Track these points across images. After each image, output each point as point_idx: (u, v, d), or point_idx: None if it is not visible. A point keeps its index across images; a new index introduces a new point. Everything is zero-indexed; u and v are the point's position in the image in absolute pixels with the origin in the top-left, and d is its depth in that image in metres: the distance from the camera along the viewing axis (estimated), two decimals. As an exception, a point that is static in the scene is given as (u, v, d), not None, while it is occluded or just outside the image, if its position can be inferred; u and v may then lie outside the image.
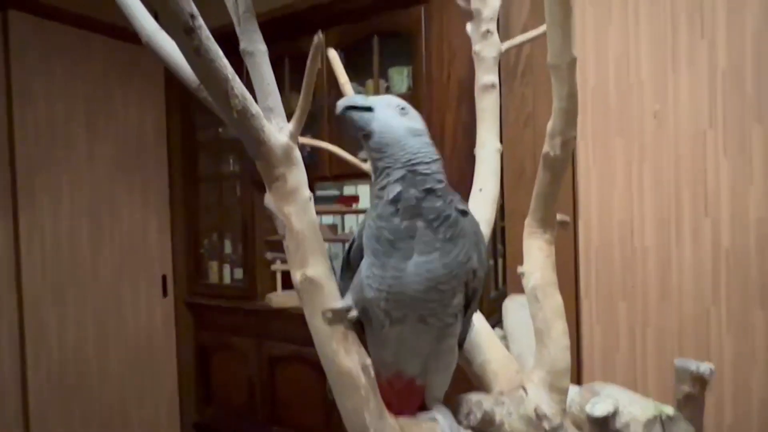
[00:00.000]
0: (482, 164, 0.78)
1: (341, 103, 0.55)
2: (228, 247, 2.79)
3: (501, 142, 1.99)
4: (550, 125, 0.57)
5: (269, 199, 0.51)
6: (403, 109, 0.59)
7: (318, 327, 0.50)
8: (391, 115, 0.58)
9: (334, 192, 2.74)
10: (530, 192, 1.87)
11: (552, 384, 0.55)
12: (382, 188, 0.55)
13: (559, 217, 0.63)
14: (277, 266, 2.60)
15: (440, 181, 0.56)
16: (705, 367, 0.54)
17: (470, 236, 0.55)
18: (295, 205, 0.50)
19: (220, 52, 0.42)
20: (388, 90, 2.31)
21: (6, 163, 2.18)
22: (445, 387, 0.59)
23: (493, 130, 0.80)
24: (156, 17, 0.50)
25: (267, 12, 2.50)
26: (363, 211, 2.52)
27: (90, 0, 2.34)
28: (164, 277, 2.79)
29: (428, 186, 0.54)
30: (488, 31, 0.80)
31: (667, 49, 1.69)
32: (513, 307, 1.25)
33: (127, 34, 2.60)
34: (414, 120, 0.60)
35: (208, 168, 2.84)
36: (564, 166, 0.56)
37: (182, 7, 0.37)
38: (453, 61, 2.07)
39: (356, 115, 0.56)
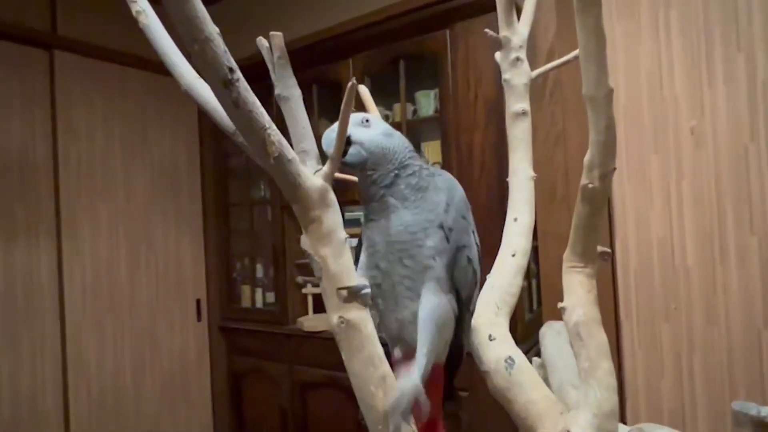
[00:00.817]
0: (516, 192, 0.76)
1: (332, 154, 0.59)
2: (260, 271, 2.82)
3: None
4: (587, 157, 0.55)
5: (305, 241, 0.51)
6: (366, 121, 0.67)
7: (357, 370, 0.49)
8: (368, 135, 0.65)
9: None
10: (562, 212, 1.83)
11: (599, 427, 0.52)
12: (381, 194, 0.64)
13: (600, 248, 0.61)
14: (309, 290, 2.61)
15: (416, 164, 0.67)
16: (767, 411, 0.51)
17: (437, 189, 0.65)
18: (331, 247, 0.50)
19: (257, 102, 0.43)
20: (415, 113, 2.32)
21: (51, 195, 2.27)
22: (434, 349, 0.59)
23: (526, 157, 0.78)
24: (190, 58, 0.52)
25: (296, 40, 2.57)
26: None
27: (126, 36, 2.45)
28: (198, 302, 2.84)
29: (411, 171, 0.65)
30: (518, 59, 0.80)
31: (702, 63, 1.65)
32: (551, 334, 1.21)
33: (161, 66, 2.71)
34: (377, 124, 0.68)
35: (239, 194, 2.90)
36: (603, 198, 0.55)
37: (221, 62, 0.38)
38: (479, 82, 2.07)
39: (350, 159, 0.63)
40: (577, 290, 0.57)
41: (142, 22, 0.53)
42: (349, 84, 0.47)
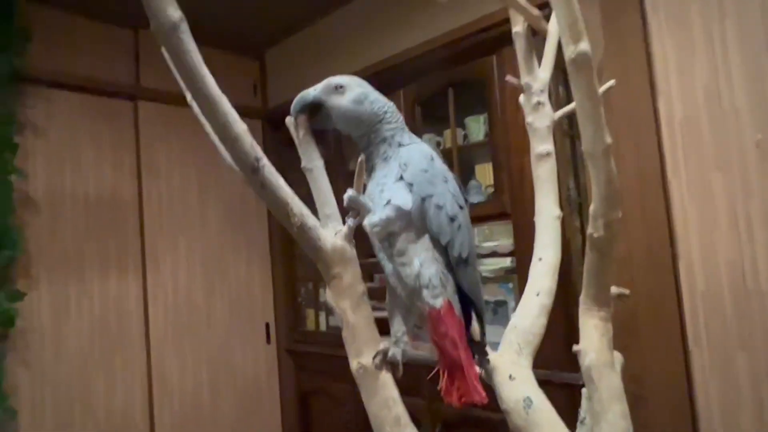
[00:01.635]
0: (542, 232, 0.79)
1: (295, 110, 0.67)
2: (323, 296, 2.94)
3: (577, 180, 1.92)
4: (592, 207, 0.58)
5: (329, 295, 0.58)
6: (340, 87, 0.71)
7: (374, 411, 0.55)
8: (336, 101, 0.70)
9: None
10: (619, 235, 1.77)
11: (614, 470, 0.54)
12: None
13: (617, 290, 0.63)
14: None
15: (389, 130, 0.72)
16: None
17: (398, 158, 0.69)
18: (350, 300, 0.56)
19: (281, 182, 0.51)
20: (466, 138, 2.35)
21: (137, 230, 2.54)
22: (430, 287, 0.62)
23: (551, 197, 0.81)
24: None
25: (352, 73, 2.70)
26: (448, 257, 2.54)
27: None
28: (267, 325, 3.01)
29: (382, 137, 0.71)
30: (539, 103, 0.83)
31: (765, 74, 1.56)
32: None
33: (236, 109, 2.94)
34: (350, 91, 0.72)
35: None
36: (610, 246, 0.57)
37: (249, 153, 0.47)
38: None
39: (316, 126, 0.69)
40: (591, 333, 0.59)
41: (191, 104, 0.63)
42: (360, 159, 0.53)
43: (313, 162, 0.61)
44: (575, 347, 0.60)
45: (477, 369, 0.62)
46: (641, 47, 1.75)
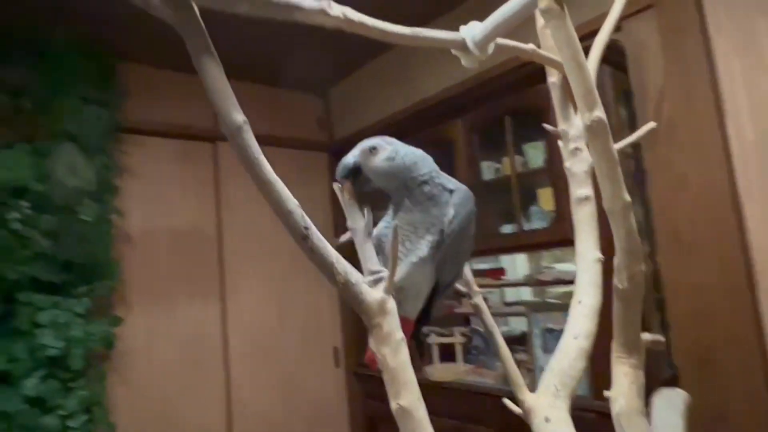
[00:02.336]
0: (582, 275, 0.81)
1: (340, 176, 0.77)
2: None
3: (645, 207, 1.88)
4: (615, 260, 0.61)
5: (371, 342, 0.65)
6: (373, 149, 0.79)
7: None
8: (372, 162, 0.78)
9: (482, 266, 2.80)
10: (690, 259, 1.70)
11: None
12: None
13: (650, 337, 0.65)
14: (433, 339, 2.72)
15: (423, 175, 0.79)
16: None
17: (446, 203, 0.78)
18: (390, 346, 0.63)
19: (327, 245, 0.60)
20: (525, 165, 2.36)
21: (217, 260, 2.77)
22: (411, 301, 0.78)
23: (591, 240, 0.83)
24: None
25: (412, 105, 2.81)
26: (512, 284, 2.53)
27: (267, 120, 2.92)
28: (335, 349, 3.12)
29: (419, 182, 0.78)
30: (577, 149, 0.86)
31: None
32: (661, 405, 1.17)
33: (304, 144, 3.16)
34: (383, 151, 0.79)
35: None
36: (635, 297, 0.59)
37: (299, 224, 0.56)
38: (587, 130, 2.05)
39: (358, 188, 0.77)
40: (621, 381, 0.61)
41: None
42: (394, 227, 0.61)
43: (357, 222, 0.69)
44: (606, 393, 0.62)
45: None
46: (705, 69, 1.69)
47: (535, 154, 2.31)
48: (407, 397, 0.59)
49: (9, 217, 2.07)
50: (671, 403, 1.08)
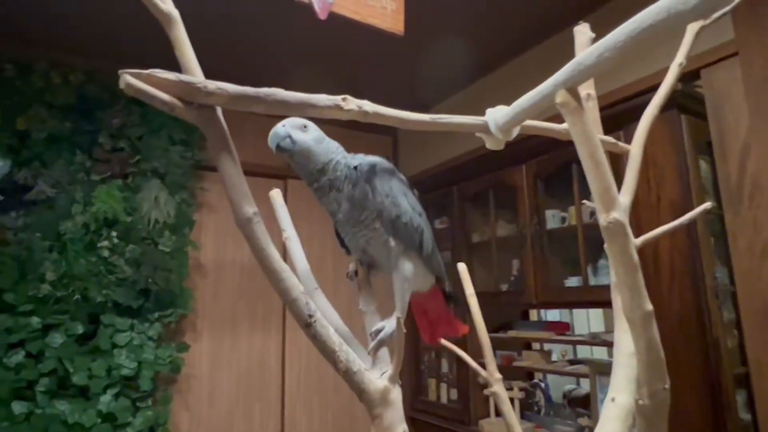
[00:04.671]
0: (619, 369, 0.74)
1: (273, 144, 0.78)
2: (444, 366, 2.94)
3: (731, 277, 1.70)
4: (636, 373, 0.56)
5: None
6: (305, 126, 0.79)
7: None
8: (301, 137, 0.79)
9: (549, 318, 2.67)
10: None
11: None
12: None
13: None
14: (490, 390, 2.61)
15: (342, 160, 0.80)
16: None
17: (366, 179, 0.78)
18: (390, 439, 0.61)
19: (331, 332, 0.61)
20: (592, 215, 2.24)
21: (281, 301, 2.87)
22: (398, 292, 0.79)
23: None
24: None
25: (472, 150, 2.79)
26: (576, 341, 2.37)
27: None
28: (391, 390, 3.09)
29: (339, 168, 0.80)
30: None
31: None
32: None
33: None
34: (313, 131, 0.80)
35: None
36: (659, 416, 0.54)
37: (303, 312, 0.57)
38: (661, 183, 1.91)
39: (283, 145, 0.78)
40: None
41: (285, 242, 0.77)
42: (398, 319, 0.60)
43: (369, 306, 0.70)
44: None
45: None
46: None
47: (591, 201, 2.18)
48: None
49: (100, 245, 2.30)
50: None
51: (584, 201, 0.87)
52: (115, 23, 2.20)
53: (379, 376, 0.64)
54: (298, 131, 0.78)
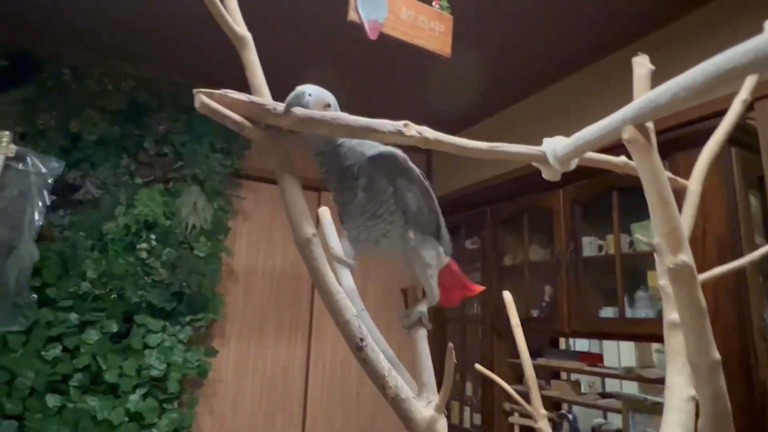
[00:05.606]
0: (670, 413, 0.71)
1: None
2: (469, 389, 2.89)
3: None
4: (699, 423, 0.53)
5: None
6: (328, 105, 0.68)
7: None
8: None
9: (578, 348, 2.60)
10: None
11: None
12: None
13: None
14: (515, 419, 2.55)
15: (346, 157, 0.73)
16: None
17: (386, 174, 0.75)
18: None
19: (381, 357, 0.60)
20: (632, 245, 2.18)
21: (309, 304, 2.89)
22: (425, 281, 0.80)
23: (685, 373, 0.73)
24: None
25: (508, 172, 2.77)
26: (610, 374, 2.30)
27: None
28: (412, 409, 3.05)
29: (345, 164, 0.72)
30: (673, 267, 0.78)
31: None
32: None
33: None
34: (336, 110, 0.70)
35: (454, 310, 3.10)
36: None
37: (355, 335, 0.57)
38: (707, 217, 1.85)
39: (291, 101, 0.62)
40: None
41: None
42: (448, 349, 0.59)
43: (417, 332, 0.69)
44: None
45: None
46: None
47: (644, 235, 2.12)
48: None
49: (139, 247, 2.36)
50: None
51: (638, 235, 0.85)
52: (165, 32, 2.28)
53: (425, 404, 0.63)
54: (319, 108, 0.66)
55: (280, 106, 0.56)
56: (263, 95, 0.58)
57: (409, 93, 2.82)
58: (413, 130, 0.62)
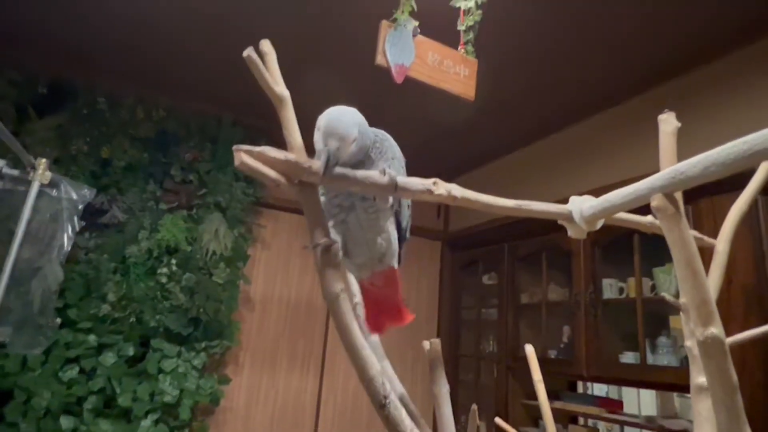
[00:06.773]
0: (697, 481, 0.70)
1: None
2: (483, 429, 2.82)
3: None
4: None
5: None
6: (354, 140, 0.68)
7: None
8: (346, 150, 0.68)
9: (596, 392, 2.53)
10: None
11: None
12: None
13: None
14: (529, 461, 2.48)
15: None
16: None
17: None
18: None
19: (403, 414, 0.60)
20: (653, 289, 2.14)
21: (323, 335, 2.88)
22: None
23: (712, 440, 0.72)
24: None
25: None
26: (630, 423, 2.23)
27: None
28: (424, 446, 2.98)
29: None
30: (699, 328, 0.77)
31: None
32: None
33: (422, 231, 3.24)
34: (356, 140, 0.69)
35: (469, 345, 3.06)
36: None
37: (379, 392, 0.58)
38: (732, 265, 1.81)
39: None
40: None
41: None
42: (473, 408, 0.59)
43: (440, 388, 0.69)
44: None
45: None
46: None
47: (665, 280, 2.09)
48: None
49: (159, 272, 2.40)
50: None
51: (664, 294, 0.84)
52: (193, 65, 2.36)
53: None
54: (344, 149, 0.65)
55: (315, 164, 0.58)
56: (299, 153, 0.60)
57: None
58: (442, 188, 0.63)
